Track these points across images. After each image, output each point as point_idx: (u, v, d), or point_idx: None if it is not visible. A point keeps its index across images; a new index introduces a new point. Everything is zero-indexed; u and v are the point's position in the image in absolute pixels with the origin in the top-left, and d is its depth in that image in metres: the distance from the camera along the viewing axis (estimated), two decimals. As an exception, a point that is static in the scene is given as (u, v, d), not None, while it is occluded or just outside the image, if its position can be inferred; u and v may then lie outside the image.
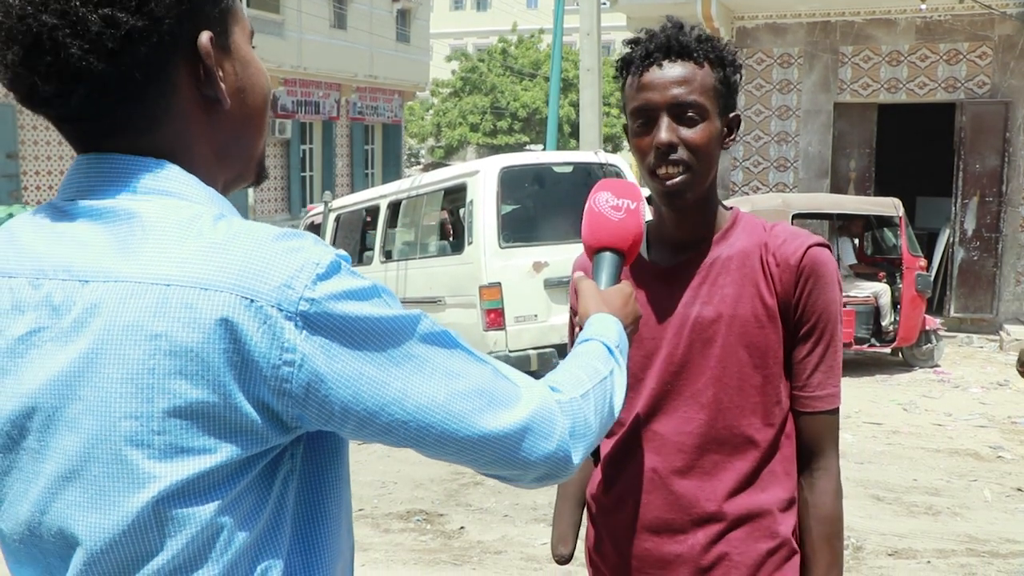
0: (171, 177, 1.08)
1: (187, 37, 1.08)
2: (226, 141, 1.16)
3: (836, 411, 1.88)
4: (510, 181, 8.45)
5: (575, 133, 29.32)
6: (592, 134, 14.91)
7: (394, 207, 9.60)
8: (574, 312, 1.89)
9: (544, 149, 19.36)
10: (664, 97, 1.79)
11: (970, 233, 12.50)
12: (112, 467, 1.00)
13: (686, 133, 1.79)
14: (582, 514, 2.16)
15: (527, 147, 33.98)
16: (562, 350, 8.31)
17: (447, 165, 11.07)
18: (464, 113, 36.84)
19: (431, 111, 39.42)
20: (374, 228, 10.01)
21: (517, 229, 8.45)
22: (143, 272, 1.00)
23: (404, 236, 9.72)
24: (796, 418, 1.89)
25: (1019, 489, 6.52)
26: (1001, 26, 12.36)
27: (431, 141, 39.65)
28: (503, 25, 39.92)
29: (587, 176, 9.15)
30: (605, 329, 1.48)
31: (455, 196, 9.09)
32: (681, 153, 1.78)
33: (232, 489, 1.01)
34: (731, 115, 1.87)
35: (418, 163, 36.89)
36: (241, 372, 0.99)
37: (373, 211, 10.00)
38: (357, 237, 10.57)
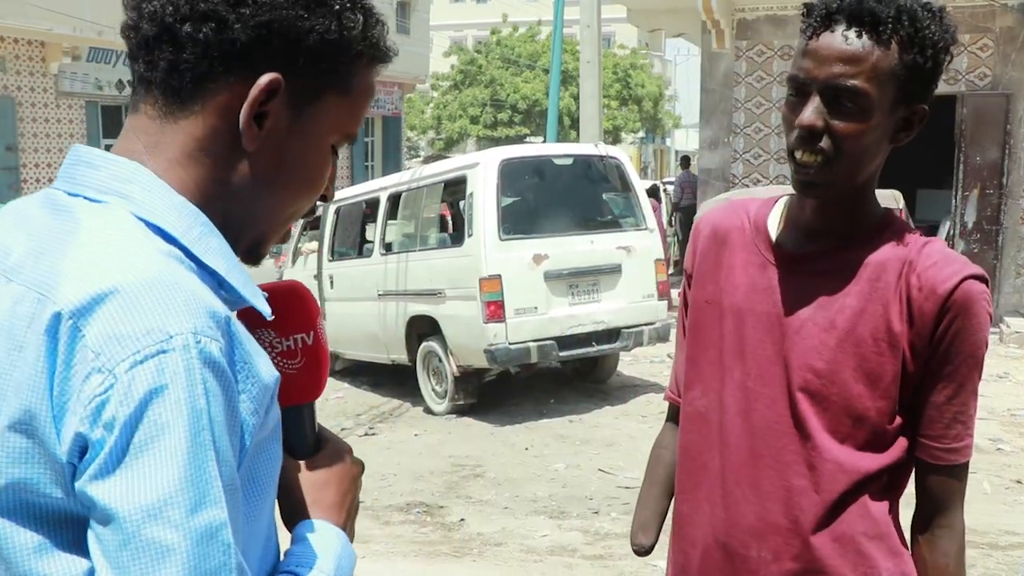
0: (133, 179, 1.03)
1: (261, 63, 1.05)
2: (232, 182, 1.09)
3: (967, 464, 1.66)
4: (510, 173, 8.44)
5: (575, 125, 29.27)
6: (592, 126, 14.89)
7: (394, 199, 9.58)
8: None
9: (544, 141, 19.33)
10: (822, 73, 1.52)
11: (970, 225, 12.50)
12: None
13: (835, 122, 1.53)
14: (670, 503, 1.95)
15: (527, 139, 33.91)
16: (562, 343, 8.32)
17: (447, 157, 11.06)
18: (464, 106, 36.78)
19: (431, 104, 39.36)
20: (374, 220, 9.99)
21: (517, 221, 8.44)
22: (35, 278, 0.96)
23: (404, 228, 9.71)
24: (921, 470, 1.66)
25: (1018, 481, 6.53)
26: (1002, 18, 12.33)
27: (431, 133, 39.59)
28: (502, 17, 39.82)
29: (587, 168, 9.14)
30: (322, 557, 1.11)
31: (455, 188, 9.08)
32: (825, 142, 1.54)
33: None
34: (914, 107, 1.59)
35: (418, 155, 36.85)
36: (52, 394, 0.92)
37: (373, 203, 9.98)
38: (357, 230, 10.55)
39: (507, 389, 9.53)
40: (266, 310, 1.09)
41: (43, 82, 20.21)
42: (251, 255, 1.16)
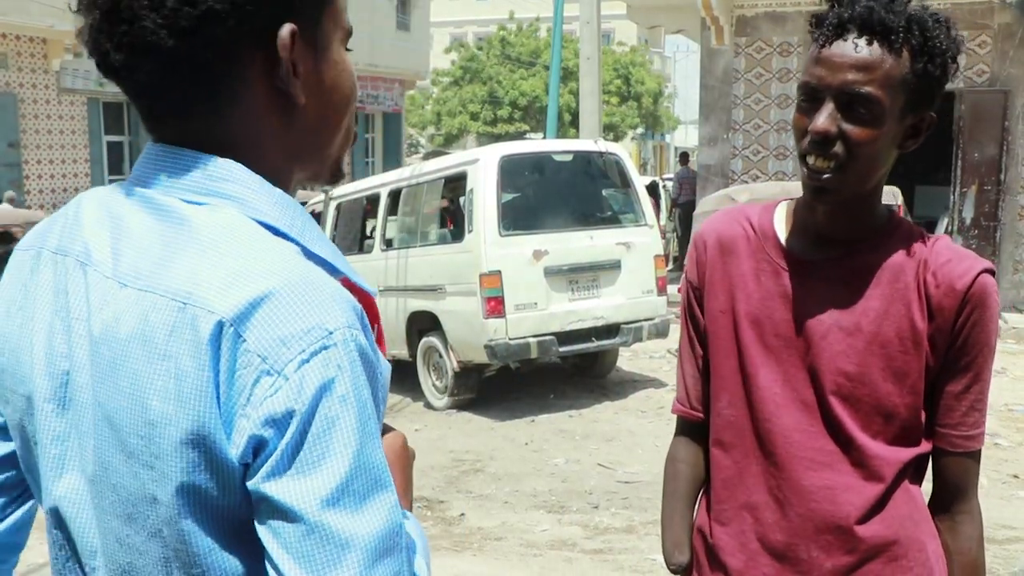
0: (231, 178, 1.03)
1: (267, 25, 1.02)
2: (301, 139, 1.10)
3: (981, 450, 1.72)
4: (510, 169, 8.47)
5: (575, 122, 29.26)
6: (592, 122, 14.92)
7: (394, 196, 9.60)
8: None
9: (544, 138, 19.34)
10: (835, 79, 1.54)
11: (968, 222, 12.52)
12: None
13: (848, 127, 1.55)
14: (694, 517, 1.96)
15: (527, 136, 33.90)
16: (561, 338, 8.35)
17: (447, 153, 11.07)
18: (464, 102, 36.76)
19: (431, 100, 39.33)
20: (374, 217, 10.02)
21: (517, 217, 8.46)
22: (168, 286, 0.97)
23: (405, 224, 9.74)
24: (940, 457, 1.71)
25: (1015, 476, 6.56)
26: (1001, 15, 12.35)
27: (431, 130, 39.56)
28: (503, 14, 39.76)
29: (587, 164, 9.16)
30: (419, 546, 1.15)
31: (455, 185, 9.09)
32: (838, 148, 1.56)
33: None
34: (922, 114, 1.61)
35: (418, 152, 36.84)
36: (218, 403, 0.94)
37: (373, 200, 10.01)
38: (358, 226, 10.58)
39: (507, 384, 9.56)
40: (371, 288, 1.13)
41: (45, 79, 20.21)
42: (335, 176, 1.20)
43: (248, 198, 1.03)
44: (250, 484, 0.94)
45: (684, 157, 20.57)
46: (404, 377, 9.40)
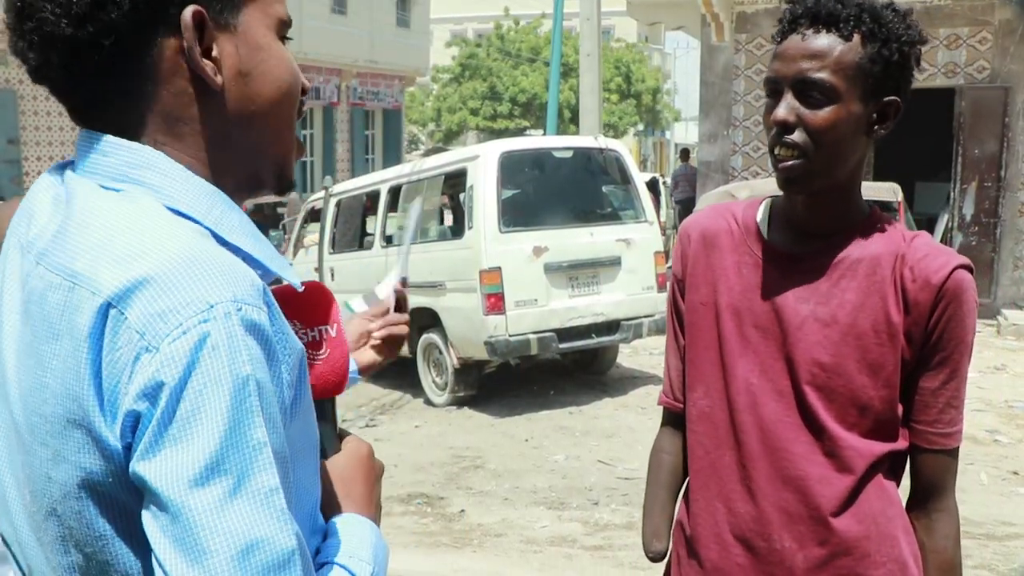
0: (148, 165, 1.02)
1: (172, 9, 1.01)
2: (229, 129, 1.08)
3: (959, 448, 1.73)
4: (510, 166, 8.46)
5: (575, 118, 29.26)
6: (592, 119, 14.92)
7: (395, 192, 9.60)
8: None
9: (544, 134, 19.34)
10: (789, 70, 1.61)
11: (968, 218, 12.52)
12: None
13: (806, 113, 1.60)
14: (676, 506, 1.98)
15: (527, 132, 33.90)
16: (561, 334, 8.36)
17: (447, 150, 11.06)
18: (464, 98, 36.75)
19: (431, 97, 39.32)
20: (374, 213, 10.01)
21: (517, 214, 8.46)
22: (63, 265, 0.97)
23: (404, 221, 9.74)
24: (917, 454, 1.72)
25: (1015, 472, 6.56)
26: (1001, 11, 12.34)
27: (431, 126, 39.55)
28: (503, 10, 39.74)
29: (587, 161, 9.16)
30: (358, 545, 1.10)
31: (455, 181, 9.09)
32: (797, 136, 1.61)
33: None
34: (885, 99, 1.64)
35: (418, 148, 36.83)
36: (99, 384, 0.92)
37: (373, 196, 10.00)
38: (358, 222, 10.57)
39: (507, 381, 9.56)
40: (296, 281, 1.10)
41: (44, 75, 20.20)
42: (281, 182, 1.16)
43: (163, 186, 1.02)
44: (131, 468, 0.90)
45: (684, 154, 20.56)
46: (404, 373, 9.40)
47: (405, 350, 9.31)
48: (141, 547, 0.94)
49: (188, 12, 1.02)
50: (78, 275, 0.94)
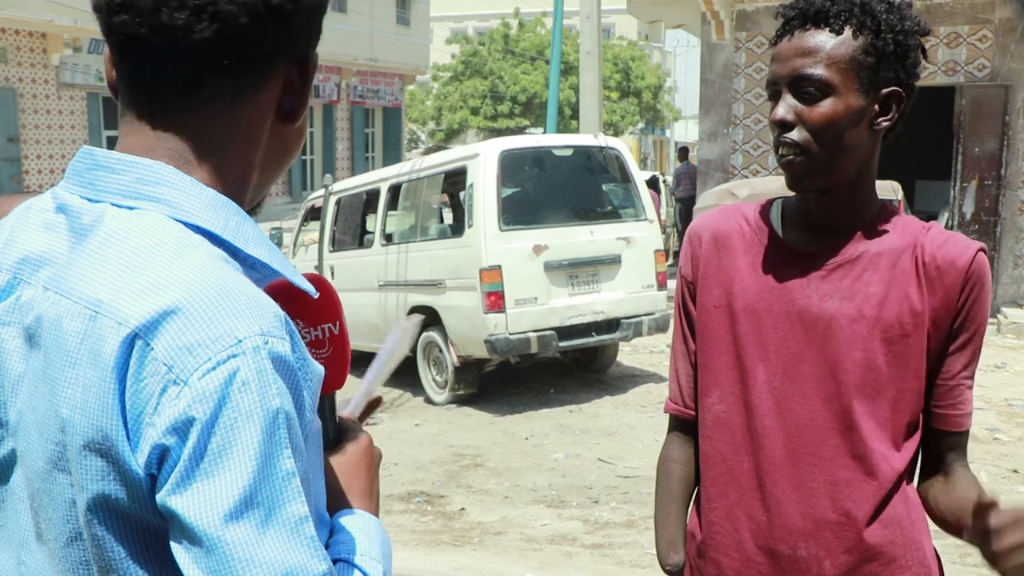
0: (162, 181, 1.02)
1: (302, 43, 1.09)
2: (275, 153, 1.13)
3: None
4: (510, 164, 8.46)
5: (575, 116, 29.27)
6: (592, 117, 14.92)
7: (394, 190, 9.60)
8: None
9: (544, 132, 19.35)
10: (785, 70, 1.63)
11: (969, 216, 12.51)
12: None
13: (803, 109, 1.61)
14: (688, 516, 1.94)
15: (527, 130, 33.89)
16: (561, 333, 8.36)
17: (447, 148, 11.05)
18: (465, 97, 36.75)
19: (432, 95, 39.31)
20: (374, 211, 10.01)
21: (517, 212, 8.46)
22: (82, 293, 0.96)
23: (405, 219, 9.74)
24: (939, 438, 1.73)
25: (1015, 470, 6.56)
26: (1002, 9, 12.34)
27: (431, 125, 39.55)
28: (503, 8, 39.74)
29: (587, 159, 9.16)
30: (367, 543, 1.11)
31: (455, 179, 9.09)
32: (796, 134, 1.62)
33: None
34: (885, 91, 1.63)
35: (418, 147, 36.82)
36: (124, 413, 0.93)
37: (373, 194, 10.00)
38: (358, 220, 10.57)
39: (507, 379, 9.56)
40: (310, 288, 1.10)
41: (44, 73, 20.21)
42: (262, 198, 1.19)
43: (177, 200, 1.01)
44: (158, 498, 0.92)
45: (683, 152, 20.55)
46: (404, 372, 9.40)
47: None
48: (165, 567, 0.95)
49: (313, 58, 1.12)
50: (101, 304, 0.94)
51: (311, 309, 1.17)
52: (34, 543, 1.04)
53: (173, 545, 0.91)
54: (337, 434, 1.23)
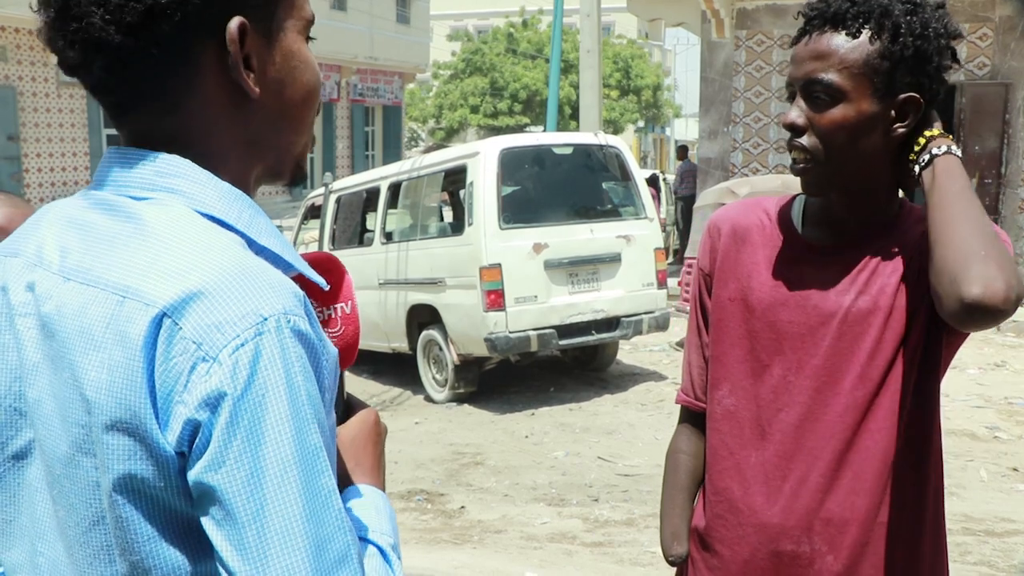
0: (177, 172, 1.04)
1: (217, 19, 1.03)
2: (260, 132, 1.11)
3: None
4: (510, 162, 8.46)
5: (575, 115, 29.26)
6: (592, 115, 14.92)
7: (395, 189, 9.60)
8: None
9: (544, 131, 19.34)
10: (799, 73, 1.61)
11: (969, 215, 12.51)
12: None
13: (814, 115, 1.60)
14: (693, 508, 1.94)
15: (527, 129, 33.89)
16: (561, 331, 8.36)
17: (447, 147, 11.06)
18: (465, 95, 36.74)
19: (432, 93, 39.30)
20: (374, 210, 10.01)
21: (517, 210, 8.46)
22: (109, 280, 0.98)
23: (404, 218, 9.74)
24: None
25: (1015, 469, 6.56)
26: (1002, 7, 12.34)
27: (431, 123, 39.54)
28: (503, 6, 39.74)
29: (587, 157, 9.16)
30: (377, 519, 1.13)
31: (455, 178, 9.09)
32: (807, 140, 1.61)
33: None
34: (902, 96, 1.59)
35: (418, 145, 36.81)
36: (153, 392, 0.95)
37: (373, 193, 10.00)
38: (357, 219, 10.57)
39: (507, 377, 9.56)
40: (321, 281, 1.12)
41: (44, 72, 20.21)
42: (296, 174, 1.20)
43: (193, 192, 1.04)
44: (189, 475, 0.94)
45: (683, 151, 20.51)
46: (404, 370, 9.40)
47: (405, 347, 9.33)
48: (189, 549, 0.98)
49: (234, 24, 1.04)
50: (128, 289, 0.96)
51: (321, 290, 1.19)
52: (52, 534, 1.05)
53: (205, 521, 0.93)
54: (346, 410, 1.25)
